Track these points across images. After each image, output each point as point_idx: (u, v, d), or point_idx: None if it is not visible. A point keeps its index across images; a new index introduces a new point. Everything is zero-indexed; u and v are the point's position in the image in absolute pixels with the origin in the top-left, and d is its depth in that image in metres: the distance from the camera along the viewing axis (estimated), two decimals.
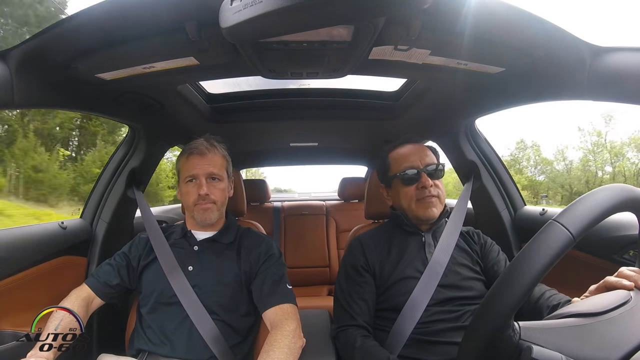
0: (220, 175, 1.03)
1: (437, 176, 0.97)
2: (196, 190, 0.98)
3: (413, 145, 1.03)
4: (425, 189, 0.94)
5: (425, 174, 0.95)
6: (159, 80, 0.96)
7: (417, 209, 0.96)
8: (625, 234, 0.93)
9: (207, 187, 0.98)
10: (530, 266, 0.42)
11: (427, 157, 0.99)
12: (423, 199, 0.95)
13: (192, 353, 0.89)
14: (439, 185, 0.97)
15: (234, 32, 0.56)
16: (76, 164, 13.17)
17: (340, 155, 2.39)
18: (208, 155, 1.01)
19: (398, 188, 1.00)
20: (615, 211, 0.46)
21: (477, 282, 0.92)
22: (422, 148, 1.02)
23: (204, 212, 0.99)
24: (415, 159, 0.98)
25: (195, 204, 0.99)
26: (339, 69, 0.91)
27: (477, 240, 1.01)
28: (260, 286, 0.96)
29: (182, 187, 1.02)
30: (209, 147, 1.03)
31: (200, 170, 0.99)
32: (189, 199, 1.00)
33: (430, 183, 0.94)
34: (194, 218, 1.02)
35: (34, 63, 0.75)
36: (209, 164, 1.01)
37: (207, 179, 1.00)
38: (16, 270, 1.00)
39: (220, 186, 1.02)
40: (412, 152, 1.00)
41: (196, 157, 1.00)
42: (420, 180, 0.95)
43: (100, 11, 0.66)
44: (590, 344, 0.43)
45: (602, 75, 0.72)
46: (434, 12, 0.65)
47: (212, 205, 1.00)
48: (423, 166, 0.96)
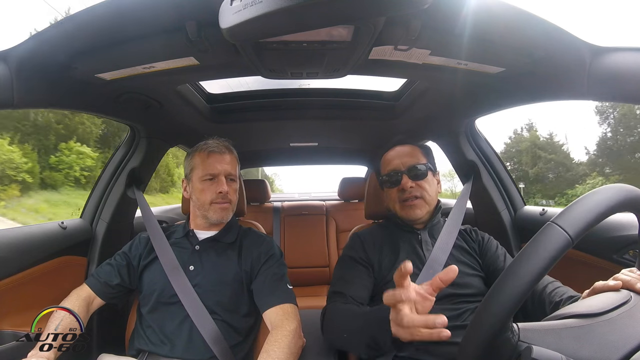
0: (236, 176, 1.05)
1: (420, 177, 0.97)
2: (214, 188, 0.99)
3: (400, 148, 1.04)
4: (405, 191, 0.96)
5: (407, 175, 0.97)
6: (159, 80, 0.96)
7: (401, 211, 0.98)
8: (625, 234, 0.93)
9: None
10: (528, 269, 0.42)
11: (412, 158, 1.00)
12: (405, 201, 0.97)
13: (192, 353, 0.89)
14: (423, 185, 0.97)
15: (234, 32, 0.56)
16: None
17: (340, 155, 2.39)
18: (227, 155, 1.03)
19: (385, 190, 1.04)
20: (615, 211, 0.46)
21: (476, 279, 0.92)
22: (409, 150, 1.02)
23: (221, 211, 1.00)
24: (398, 162, 1.00)
25: (213, 202, 0.99)
26: (339, 69, 0.91)
27: (475, 237, 1.02)
28: (261, 286, 0.96)
29: (197, 185, 1.01)
30: (227, 147, 1.05)
31: (220, 168, 1.00)
32: (206, 197, 0.99)
33: (409, 184, 0.96)
34: (206, 217, 1.01)
35: (34, 63, 0.75)
36: (228, 163, 1.02)
37: (226, 179, 1.01)
38: (16, 270, 1.00)
39: (235, 187, 1.04)
40: (396, 155, 1.02)
41: (216, 156, 1.01)
42: (401, 183, 0.97)
43: (100, 11, 0.66)
44: (590, 345, 0.43)
45: (602, 75, 0.72)
46: (434, 12, 0.65)
47: (229, 205, 1.01)
48: (405, 168, 0.98)
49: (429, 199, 0.98)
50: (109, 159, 1.39)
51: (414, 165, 0.98)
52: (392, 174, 1.00)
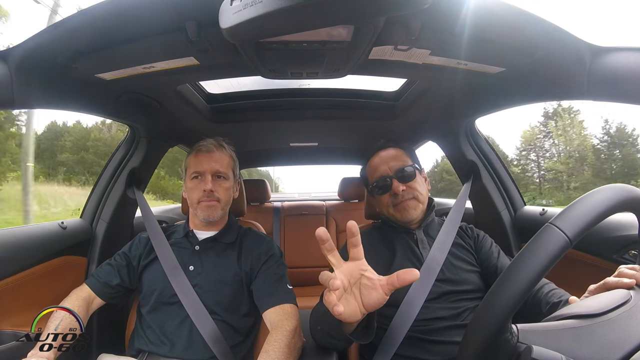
0: (226, 174, 1.03)
1: (408, 178, 0.97)
2: (201, 186, 0.99)
3: (384, 152, 1.03)
4: (398, 195, 0.96)
5: (396, 179, 0.97)
6: (159, 80, 0.96)
7: (395, 214, 0.98)
8: (625, 234, 0.93)
9: (212, 185, 0.99)
10: (526, 270, 0.43)
11: (398, 161, 0.99)
12: (398, 204, 0.97)
13: (192, 353, 0.89)
14: (414, 186, 0.98)
15: (234, 32, 0.56)
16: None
17: (340, 155, 2.39)
18: (215, 154, 1.03)
19: (376, 197, 1.03)
20: (614, 212, 0.46)
21: (473, 275, 0.93)
22: (393, 153, 1.02)
23: (207, 209, 1.00)
24: (385, 168, 0.99)
25: (200, 200, 1.00)
26: (339, 69, 0.91)
27: (471, 234, 1.03)
28: (261, 286, 0.96)
29: (188, 184, 1.03)
30: (217, 146, 1.05)
31: (206, 167, 1.00)
32: (194, 195, 1.00)
33: (401, 188, 0.96)
34: (197, 215, 1.02)
35: (34, 63, 0.75)
36: (216, 161, 1.02)
37: (213, 177, 1.00)
38: (16, 270, 1.00)
39: (225, 185, 1.03)
40: (381, 161, 1.01)
41: (204, 154, 1.02)
42: (392, 188, 0.97)
43: (100, 11, 0.66)
44: (589, 346, 0.43)
45: (602, 75, 0.72)
46: (433, 12, 0.65)
47: (217, 203, 1.00)
48: (392, 172, 0.98)
49: (422, 198, 0.99)
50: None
51: (401, 168, 0.98)
52: (380, 181, 0.99)
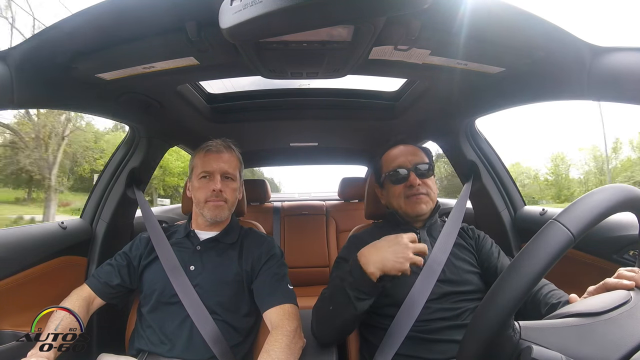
0: (234, 175, 1.04)
1: (426, 175, 0.99)
2: (209, 186, 0.99)
3: (404, 147, 1.05)
4: (413, 187, 0.97)
5: (414, 173, 0.98)
6: (159, 80, 0.96)
7: (406, 206, 0.98)
8: (625, 234, 0.93)
9: (221, 185, 1.00)
10: (531, 266, 0.43)
11: (417, 157, 1.01)
12: (411, 196, 0.97)
13: (192, 353, 0.89)
14: (429, 184, 0.99)
15: (234, 32, 0.56)
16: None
17: (340, 155, 2.39)
18: (225, 154, 1.03)
19: (388, 187, 1.03)
20: (616, 211, 0.46)
21: (474, 276, 0.93)
22: (412, 149, 1.04)
23: (215, 209, 1.00)
24: (404, 159, 1.00)
25: (207, 200, 1.00)
26: (339, 69, 0.91)
27: (472, 235, 1.04)
28: (262, 286, 0.96)
29: (195, 183, 1.03)
30: (226, 147, 1.06)
31: (216, 167, 1.01)
32: (201, 194, 1.00)
33: (418, 182, 0.97)
34: (203, 215, 1.02)
35: (34, 63, 0.75)
36: (225, 162, 1.02)
37: (221, 177, 1.01)
38: (16, 270, 1.00)
39: (232, 185, 1.04)
40: (401, 153, 1.03)
41: (213, 155, 1.02)
42: (408, 179, 0.97)
43: (100, 11, 0.66)
44: (590, 344, 0.43)
45: (602, 75, 0.72)
46: (433, 12, 0.65)
47: (224, 203, 1.01)
48: (411, 165, 0.99)
49: (433, 196, 1.00)
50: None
51: (420, 163, 0.99)
52: (398, 171, 1.00)
